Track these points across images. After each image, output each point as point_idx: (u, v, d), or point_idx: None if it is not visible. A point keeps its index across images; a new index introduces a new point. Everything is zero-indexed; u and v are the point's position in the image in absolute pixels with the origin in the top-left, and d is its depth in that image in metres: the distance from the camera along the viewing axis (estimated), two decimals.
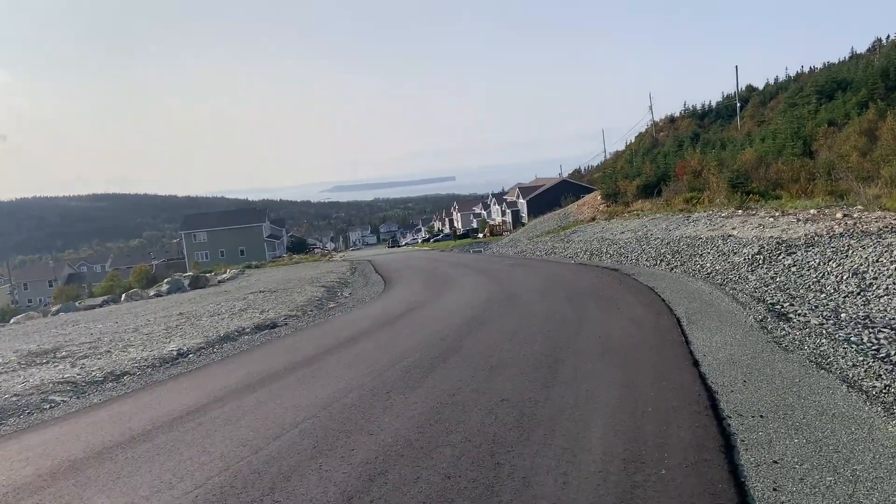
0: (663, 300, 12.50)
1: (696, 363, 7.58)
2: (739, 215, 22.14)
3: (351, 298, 18.45)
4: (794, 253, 15.09)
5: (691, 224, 22.42)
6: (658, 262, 19.52)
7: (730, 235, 18.63)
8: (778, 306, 10.72)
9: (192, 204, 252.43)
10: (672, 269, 18.18)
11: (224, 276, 33.25)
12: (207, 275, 32.44)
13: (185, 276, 31.27)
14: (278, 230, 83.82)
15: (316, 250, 73.98)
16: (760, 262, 15.42)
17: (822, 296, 11.54)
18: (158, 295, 25.58)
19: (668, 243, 20.89)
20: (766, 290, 12.57)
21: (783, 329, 9.04)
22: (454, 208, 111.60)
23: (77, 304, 27.28)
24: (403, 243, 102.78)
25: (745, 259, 16.02)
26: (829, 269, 12.97)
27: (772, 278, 13.82)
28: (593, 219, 37.72)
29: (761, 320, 9.69)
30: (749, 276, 14.63)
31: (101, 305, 24.19)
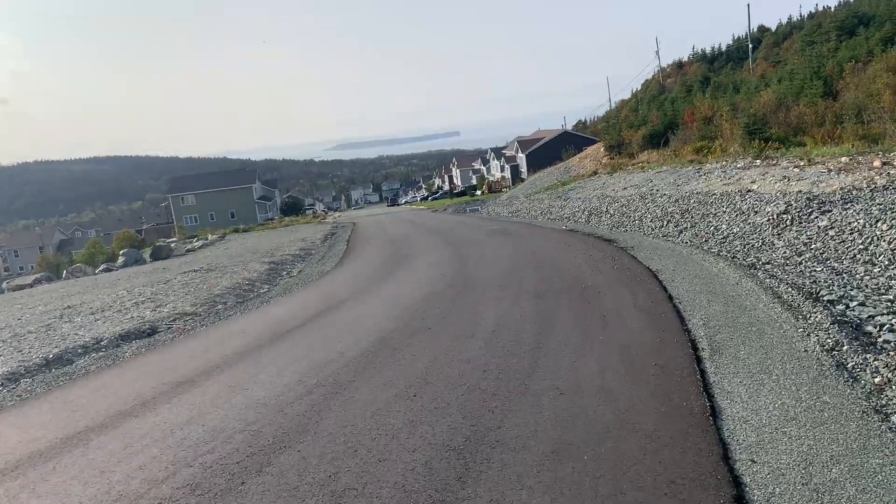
0: (671, 298, 8.89)
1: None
2: (758, 166, 19.36)
3: (286, 282, 15.47)
4: (830, 211, 12.44)
5: (703, 177, 19.67)
6: (664, 223, 16.87)
7: (749, 190, 15.94)
8: (839, 303, 7.39)
9: (194, 165, 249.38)
10: (681, 232, 15.55)
11: (195, 244, 30.87)
12: (172, 244, 30.06)
13: (157, 245, 28.87)
14: (270, 191, 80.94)
15: (308, 211, 71.44)
16: (788, 222, 12.78)
17: (877, 269, 8.95)
18: (108, 270, 23.29)
19: (676, 201, 18.20)
20: (804, 264, 9.95)
21: (873, 366, 5.47)
22: (453, 164, 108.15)
23: (3, 285, 24.95)
24: (403, 201, 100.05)
25: (768, 219, 13.37)
26: (878, 232, 10.35)
27: (805, 245, 11.22)
28: (595, 173, 34.90)
29: (831, 348, 5.99)
30: (776, 242, 12.01)
31: (31, 285, 21.87)
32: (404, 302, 10.87)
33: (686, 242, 14.01)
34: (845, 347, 6.02)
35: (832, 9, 62.04)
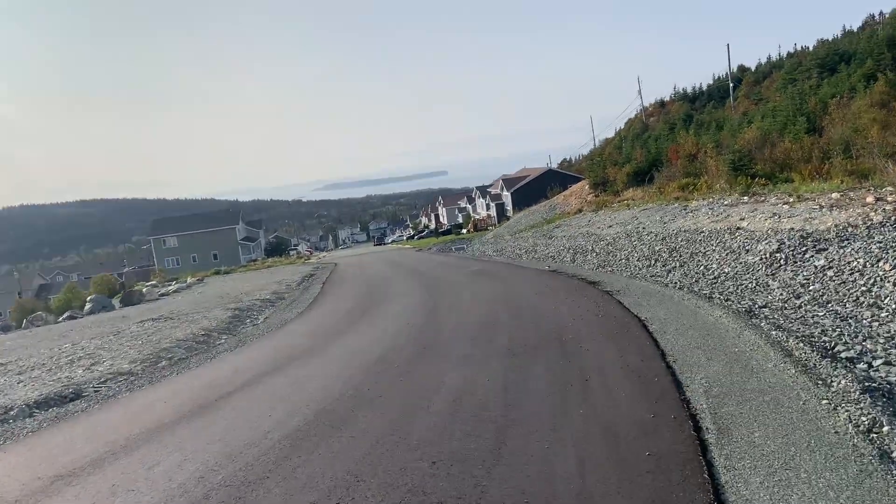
0: (663, 355, 7.74)
1: None
2: (746, 203, 18.85)
3: (246, 332, 14.47)
4: (826, 250, 11.81)
5: (690, 215, 19.08)
6: (652, 262, 16.16)
7: (738, 228, 15.31)
8: (859, 360, 6.55)
9: (182, 206, 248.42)
10: (669, 272, 14.83)
11: (170, 288, 29.83)
12: (144, 289, 29.01)
13: (127, 291, 27.80)
14: (254, 231, 79.98)
15: (292, 252, 70.48)
16: (782, 262, 12.11)
17: (885, 314, 8.21)
18: (72, 318, 22.24)
19: (663, 239, 17.54)
20: (804, 308, 9.19)
21: None
22: (439, 203, 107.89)
23: None
24: (389, 241, 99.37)
25: (761, 259, 12.70)
26: (880, 272, 9.67)
27: (803, 286, 10.50)
28: (580, 210, 34.41)
29: (868, 429, 4.83)
30: (771, 284, 11.30)
31: None
32: (361, 360, 9.64)
33: (675, 284, 13.25)
34: (885, 429, 4.82)
35: (810, 48, 62.96)
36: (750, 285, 11.64)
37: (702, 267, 14.10)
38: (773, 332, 7.97)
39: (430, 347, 9.97)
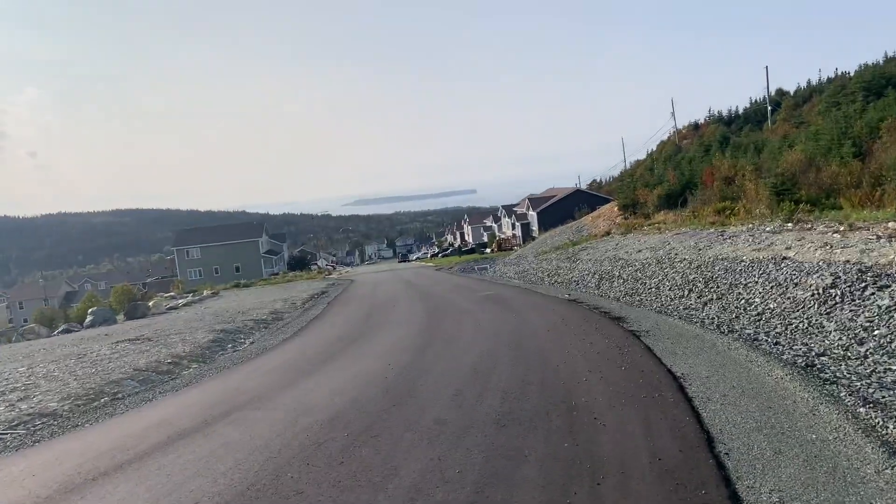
0: (710, 443, 5.63)
1: None
2: (791, 230, 17.21)
3: (218, 360, 12.96)
4: (889, 286, 10.21)
5: (728, 241, 17.49)
6: (685, 293, 14.62)
7: (784, 258, 13.71)
8: None
9: (213, 218, 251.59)
10: (705, 304, 13.29)
11: (179, 301, 28.94)
12: (151, 303, 28.15)
13: (132, 304, 27.01)
14: (278, 245, 79.51)
15: (313, 267, 69.76)
16: (838, 299, 10.52)
17: None
18: (68, 331, 21.37)
19: (698, 267, 15.98)
20: (871, 359, 7.65)
21: None
22: (465, 221, 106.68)
23: None
24: (414, 258, 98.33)
25: (813, 294, 11.11)
26: None
27: (865, 329, 8.93)
28: (608, 233, 32.82)
29: None
30: (826, 325, 9.73)
31: None
32: (308, 420, 7.56)
33: (712, 320, 11.73)
34: None
35: (850, 73, 60.65)
36: (801, 325, 10.09)
37: (743, 301, 12.55)
38: (863, 412, 6.07)
39: (402, 404, 7.84)
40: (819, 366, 7.63)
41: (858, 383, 6.87)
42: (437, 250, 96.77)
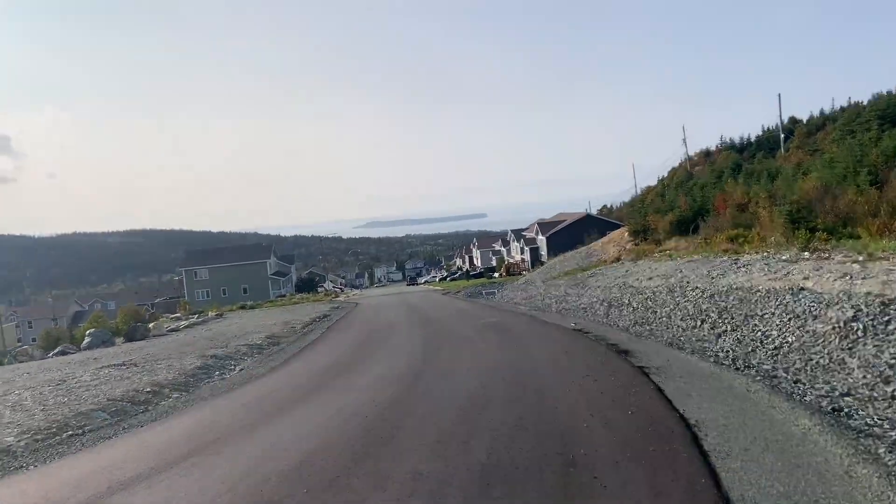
0: None
1: None
2: (807, 259, 16.61)
3: (199, 391, 12.23)
4: None
5: (742, 270, 16.90)
6: (698, 323, 14.02)
7: (802, 289, 13.11)
8: None
9: (225, 239, 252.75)
10: (719, 336, 12.68)
11: (181, 324, 28.55)
12: (151, 325, 27.75)
13: (132, 326, 26.63)
14: (286, 266, 79.31)
15: (320, 290, 69.41)
16: (860, 333, 9.91)
17: None
18: (64, 353, 20.97)
19: (711, 296, 15.38)
20: None
21: None
22: (474, 245, 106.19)
23: None
24: (422, 281, 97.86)
25: (833, 328, 10.50)
26: None
27: (891, 367, 8.33)
28: (618, 259, 32.24)
29: None
30: (848, 361, 9.13)
31: None
32: (272, 466, 6.70)
33: (727, 353, 11.12)
34: None
35: (863, 102, 60.11)
36: (822, 361, 9.48)
37: (759, 333, 11.93)
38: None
39: (377, 452, 6.91)
40: (846, 410, 6.99)
41: (893, 433, 6.21)
42: (445, 274, 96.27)
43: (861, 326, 10.13)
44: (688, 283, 17.86)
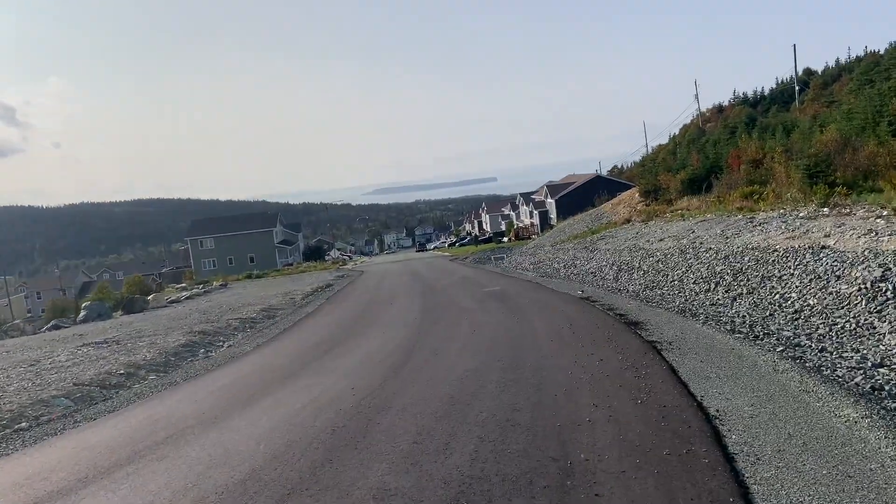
0: None
1: None
2: (827, 215, 15.72)
3: (177, 372, 11.31)
4: None
5: (758, 228, 16.04)
6: (712, 286, 13.25)
7: (823, 247, 12.26)
8: None
9: (233, 207, 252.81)
10: (734, 299, 11.93)
11: (183, 294, 28.09)
12: (150, 297, 27.29)
13: (129, 298, 26.18)
14: (293, 235, 78.72)
15: (327, 258, 68.93)
16: (889, 295, 9.12)
17: None
18: (57, 327, 20.54)
19: (725, 257, 14.57)
20: None
21: None
22: (483, 210, 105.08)
23: None
24: (432, 247, 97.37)
25: (859, 289, 9.71)
26: None
27: None
28: (628, 220, 31.35)
29: None
30: (878, 326, 8.37)
31: None
32: (217, 475, 5.68)
33: (743, 319, 10.36)
34: None
35: (881, 51, 57.96)
36: (848, 326, 8.71)
37: (777, 295, 11.16)
38: None
39: (342, 457, 5.80)
40: (887, 388, 6.19)
41: None
42: (454, 240, 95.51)
43: (891, 287, 9.34)
44: (701, 243, 17.04)
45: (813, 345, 8.16)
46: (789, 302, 10.67)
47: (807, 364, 7.23)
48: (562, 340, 10.09)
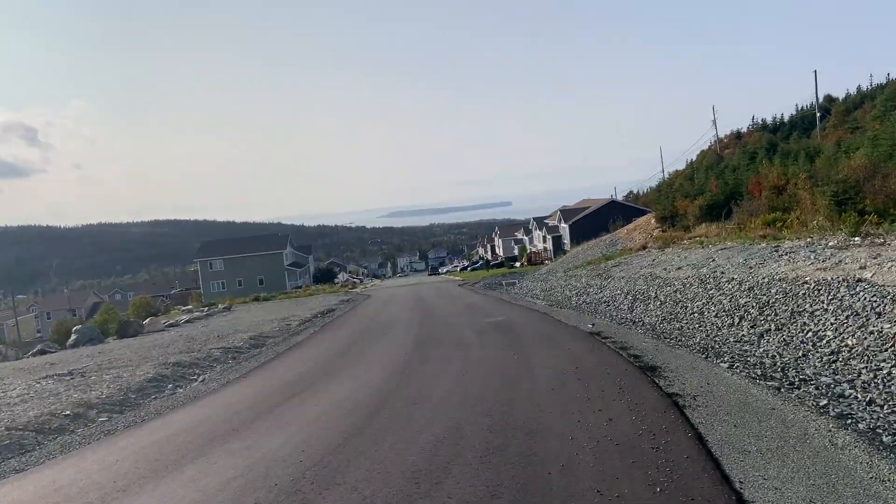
0: None
1: None
2: (859, 245, 14.57)
3: (132, 413, 10.05)
4: None
5: (784, 258, 14.90)
6: (735, 321, 12.14)
7: (859, 280, 11.12)
8: None
9: (248, 230, 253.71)
10: (761, 336, 10.82)
11: (181, 318, 27.28)
12: (145, 321, 26.50)
13: (124, 321, 25.42)
14: (303, 257, 78.04)
15: (336, 281, 68.14)
16: None
17: None
18: (43, 352, 19.73)
19: (750, 289, 13.45)
20: None
21: None
22: (496, 234, 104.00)
23: None
24: (444, 271, 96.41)
25: None
26: None
27: None
28: (644, 247, 30.22)
29: None
30: None
31: None
32: None
33: (773, 360, 9.26)
34: None
35: None
36: (895, 372, 7.59)
37: (809, 333, 10.04)
38: None
39: None
40: None
41: None
42: (466, 264, 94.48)
43: None
44: (722, 273, 15.92)
45: (858, 395, 7.05)
46: (824, 341, 9.55)
47: (859, 425, 6.03)
48: (565, 390, 8.62)
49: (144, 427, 9.21)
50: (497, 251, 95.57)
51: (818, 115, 55.16)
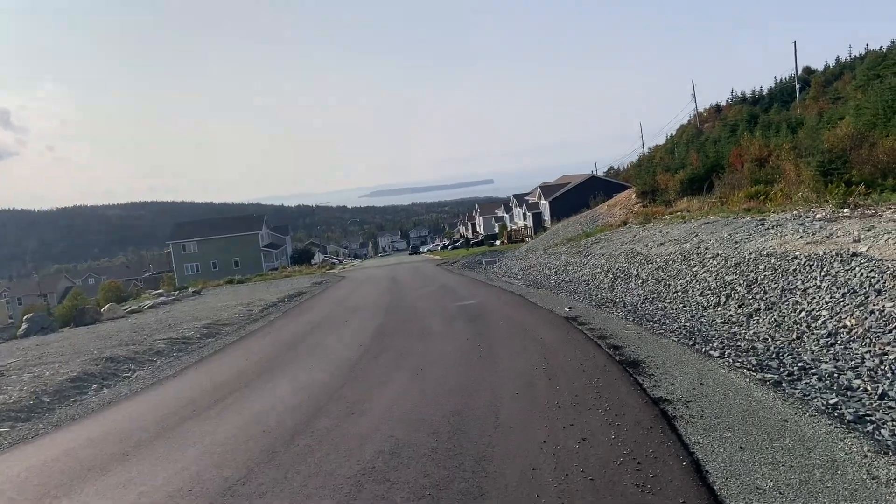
0: None
1: None
2: (849, 216, 13.83)
3: (44, 419, 8.85)
4: None
5: (771, 232, 14.12)
6: (722, 300, 11.35)
7: (854, 254, 10.33)
8: None
9: (227, 210, 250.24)
10: (750, 316, 10.03)
11: (144, 303, 26.09)
12: (104, 308, 25.26)
13: (80, 309, 24.18)
14: (280, 238, 76.39)
15: (314, 262, 66.78)
16: None
17: None
18: None
19: (736, 265, 12.66)
20: None
21: None
22: (476, 212, 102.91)
23: None
24: (425, 250, 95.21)
25: None
26: None
27: None
28: (625, 223, 29.47)
29: None
30: None
31: None
32: None
33: (766, 344, 8.44)
34: None
35: (884, 48, 56.25)
36: None
37: (803, 313, 9.26)
38: None
39: None
40: None
41: None
42: (446, 243, 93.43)
43: None
44: (706, 248, 15.13)
45: (867, 387, 6.24)
46: (819, 322, 8.77)
47: (883, 432, 5.12)
48: (531, 395, 7.17)
49: (35, 443, 7.85)
50: (478, 229, 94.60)
51: (798, 86, 54.68)
